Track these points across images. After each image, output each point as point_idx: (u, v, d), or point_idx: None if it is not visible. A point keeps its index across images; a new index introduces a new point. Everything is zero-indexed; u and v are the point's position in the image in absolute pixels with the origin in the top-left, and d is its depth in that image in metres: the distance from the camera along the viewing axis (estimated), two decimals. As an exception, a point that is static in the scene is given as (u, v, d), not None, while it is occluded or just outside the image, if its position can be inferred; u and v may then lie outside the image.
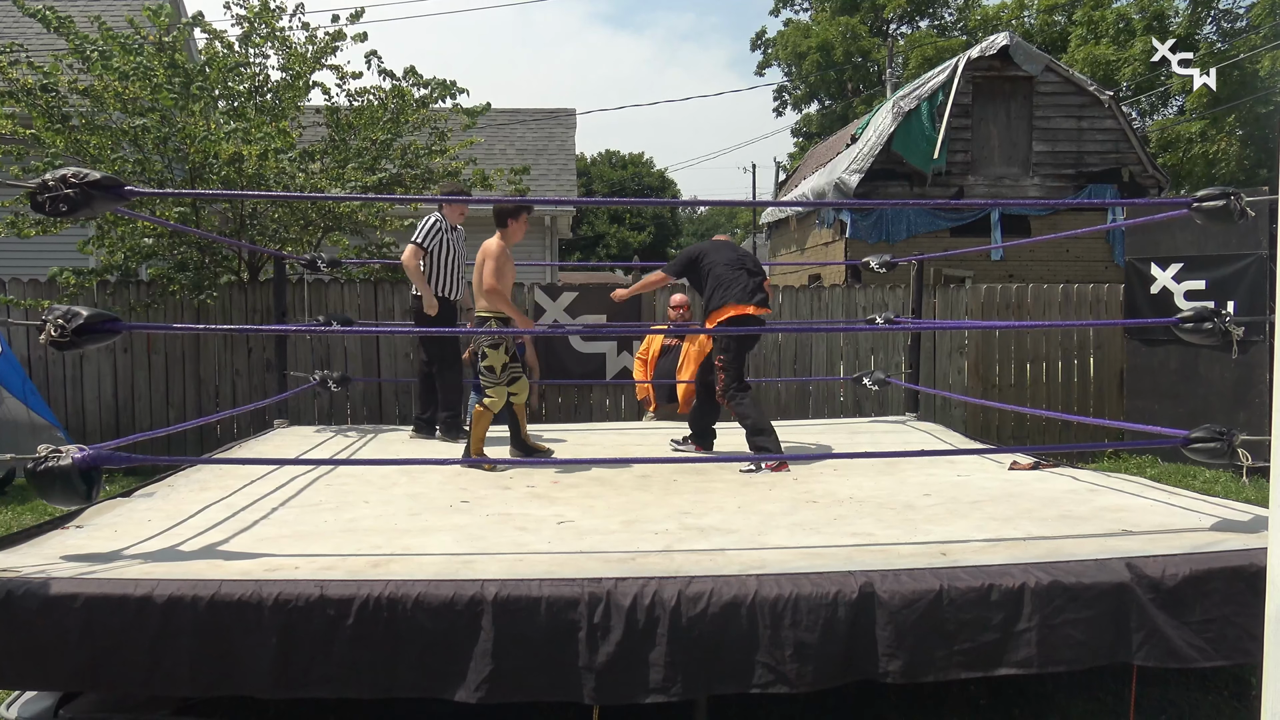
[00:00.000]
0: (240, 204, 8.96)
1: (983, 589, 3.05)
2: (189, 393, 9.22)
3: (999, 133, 16.14)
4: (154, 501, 4.45)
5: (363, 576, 3.09)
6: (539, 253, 14.76)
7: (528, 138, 17.74)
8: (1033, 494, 4.54)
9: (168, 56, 8.76)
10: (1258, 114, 23.98)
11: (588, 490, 4.79)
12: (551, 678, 2.96)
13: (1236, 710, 3.62)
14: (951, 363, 10.05)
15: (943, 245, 15.05)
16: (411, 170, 9.60)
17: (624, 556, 3.40)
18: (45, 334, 3.47)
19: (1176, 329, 4.48)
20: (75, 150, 8.38)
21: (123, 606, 2.92)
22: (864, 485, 4.81)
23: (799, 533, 3.79)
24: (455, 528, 3.91)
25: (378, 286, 9.51)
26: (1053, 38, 31.01)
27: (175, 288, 8.89)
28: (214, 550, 3.51)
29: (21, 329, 8.65)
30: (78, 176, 3.51)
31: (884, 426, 7.28)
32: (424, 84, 9.62)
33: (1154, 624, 3.10)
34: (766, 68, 44.47)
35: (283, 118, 9.09)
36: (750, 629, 2.98)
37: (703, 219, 65.90)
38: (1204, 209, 4.08)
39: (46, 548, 3.49)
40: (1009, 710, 3.64)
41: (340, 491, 4.75)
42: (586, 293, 9.70)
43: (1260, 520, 3.75)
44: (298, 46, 9.39)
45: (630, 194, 50.66)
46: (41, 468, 3.28)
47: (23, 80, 8.48)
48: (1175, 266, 8.80)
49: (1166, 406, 8.78)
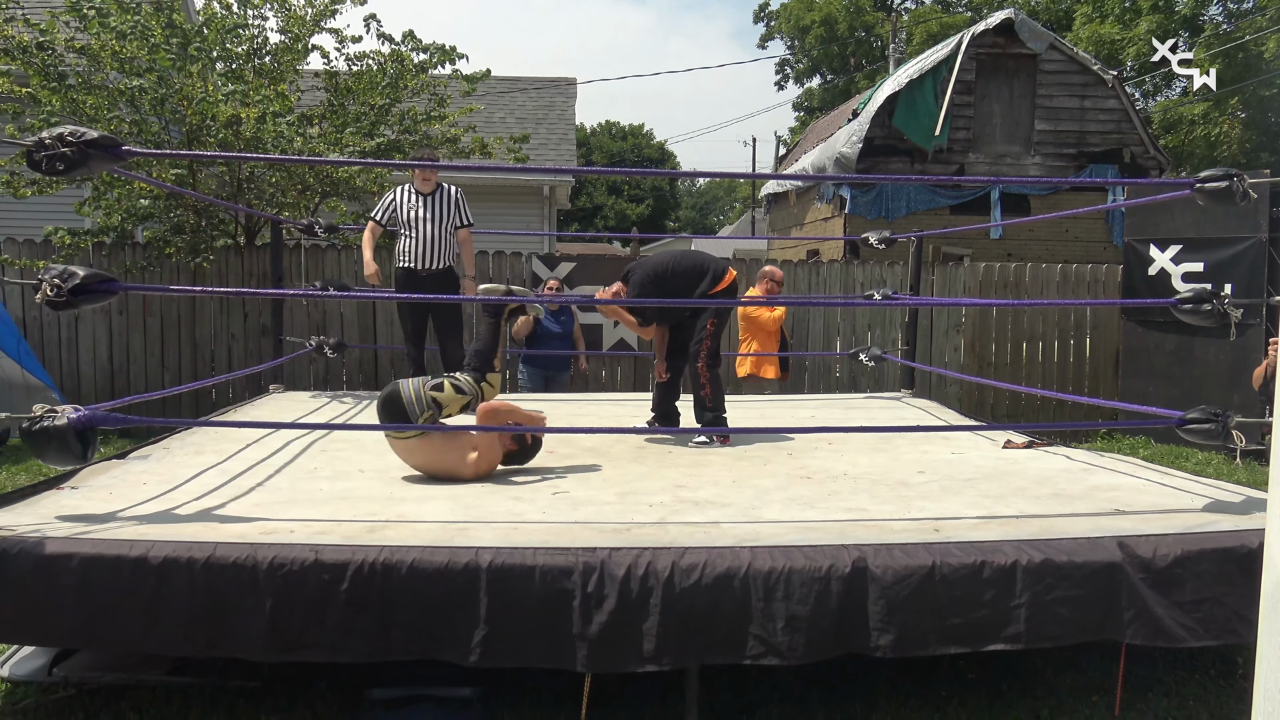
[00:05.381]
0: (238, 167, 8.90)
1: (975, 565, 3.06)
2: (184, 356, 9.21)
3: (1001, 110, 16.05)
4: (149, 464, 4.45)
5: (358, 542, 3.10)
6: (537, 223, 14.70)
7: (528, 106, 17.61)
8: (1026, 472, 4.56)
9: (165, 16, 8.67)
10: (1261, 96, 23.88)
11: (583, 462, 4.80)
12: (545, 645, 2.98)
13: (1223, 689, 3.65)
14: (948, 340, 10.06)
15: (942, 223, 15.02)
16: (410, 136, 9.53)
17: (618, 527, 3.41)
18: (41, 293, 3.45)
19: (1174, 310, 4.48)
20: (71, 110, 8.31)
21: (118, 567, 2.93)
22: (859, 461, 4.82)
23: (793, 507, 3.80)
24: (450, 496, 3.92)
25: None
26: (1058, 15, 30.80)
27: (171, 250, 8.85)
28: (209, 513, 3.51)
29: (17, 289, 8.62)
30: (75, 135, 3.48)
31: (879, 403, 7.29)
32: (423, 49, 9.54)
33: (1144, 603, 3.13)
34: (769, 40, 44.14)
35: (281, 81, 9.02)
36: (743, 601, 2.99)
37: (702, 191, 65.66)
38: (1207, 190, 4.07)
39: (41, 508, 3.50)
40: (998, 685, 3.67)
41: (335, 457, 4.75)
42: (585, 263, 9.70)
43: (1252, 502, 3.77)
44: (297, 9, 9.29)
45: (629, 165, 50.40)
46: (37, 427, 3.28)
47: (19, 38, 8.39)
48: (1174, 248, 8.80)
49: (1161, 388, 8.81)
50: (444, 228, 6.37)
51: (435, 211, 6.35)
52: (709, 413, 5.45)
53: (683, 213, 57.77)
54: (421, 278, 6.35)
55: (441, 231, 6.36)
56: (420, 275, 6.35)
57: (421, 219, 6.33)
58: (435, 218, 6.35)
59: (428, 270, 6.37)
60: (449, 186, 6.51)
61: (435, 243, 6.35)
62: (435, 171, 6.42)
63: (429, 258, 6.36)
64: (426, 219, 6.33)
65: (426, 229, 6.33)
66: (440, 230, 6.35)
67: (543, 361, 8.00)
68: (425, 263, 6.36)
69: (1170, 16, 25.06)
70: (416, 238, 6.33)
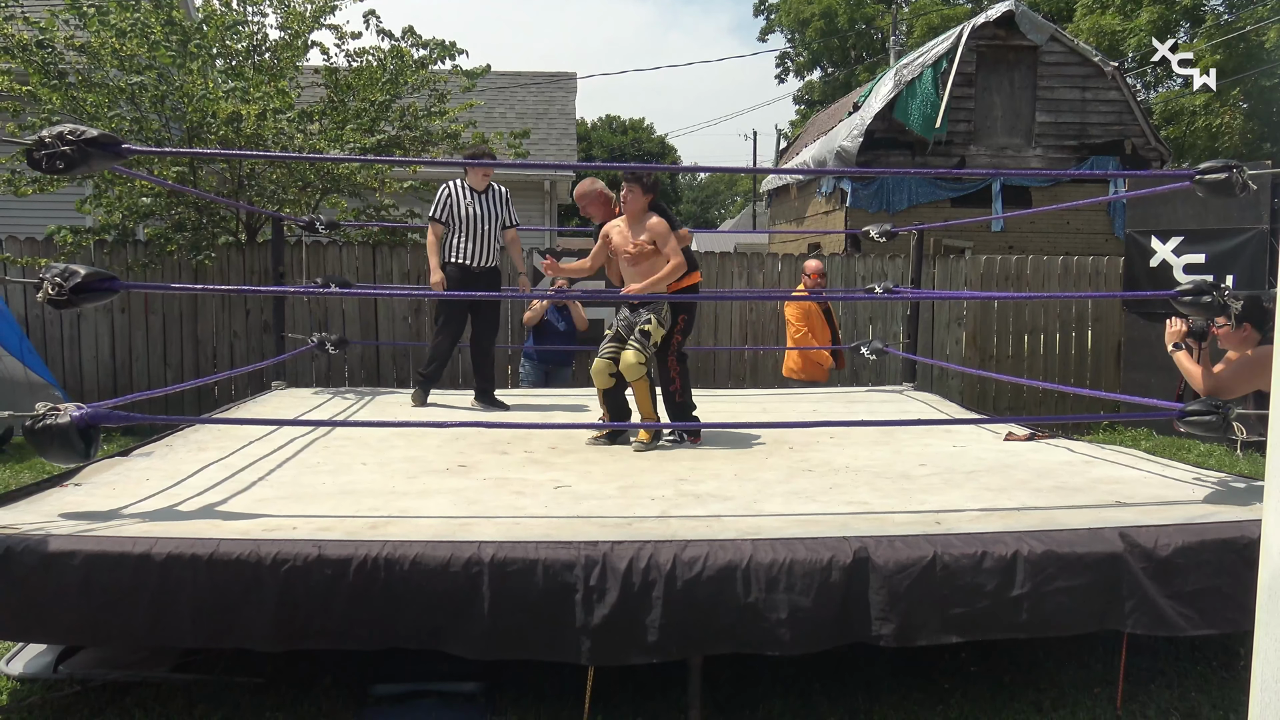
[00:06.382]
0: (238, 164, 8.91)
1: (976, 555, 3.07)
2: (186, 353, 9.22)
3: (1002, 102, 16.03)
4: (152, 461, 4.46)
5: (361, 537, 3.11)
6: (538, 218, 14.71)
7: (528, 101, 17.60)
8: (1028, 465, 4.56)
9: (165, 13, 8.68)
10: (1262, 87, 23.81)
11: (584, 456, 4.81)
12: (547, 639, 2.99)
13: (1225, 679, 3.66)
14: (949, 333, 10.06)
15: (943, 215, 15.00)
16: (410, 132, 9.54)
17: (620, 521, 3.42)
18: (43, 292, 3.46)
19: (1175, 302, 4.47)
20: (72, 108, 8.32)
21: (122, 564, 2.94)
22: (860, 455, 4.83)
23: (795, 500, 3.81)
24: (453, 491, 3.93)
25: (376, 249, 9.48)
26: (1058, 7, 30.70)
27: (173, 248, 8.85)
28: (212, 510, 3.52)
29: (19, 287, 8.62)
30: (75, 134, 3.48)
31: (881, 396, 7.29)
32: (423, 44, 9.54)
33: (1145, 593, 3.13)
34: (769, 34, 44.01)
35: (281, 77, 9.03)
36: (745, 592, 3.00)
37: (703, 185, 65.58)
38: (1207, 181, 4.07)
39: (45, 505, 3.51)
40: (1000, 676, 3.67)
41: (338, 454, 4.76)
42: (585, 257, 9.68)
43: (1253, 492, 3.78)
44: (296, 5, 9.30)
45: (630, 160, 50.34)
46: (40, 425, 3.28)
47: (18, 36, 8.40)
48: (1175, 240, 8.78)
49: (1163, 380, 8.79)
50: (495, 226, 6.35)
51: (488, 209, 6.32)
52: (680, 408, 5.37)
53: (684, 207, 57.74)
54: (476, 274, 6.30)
55: (493, 229, 6.34)
56: (475, 272, 6.30)
57: (477, 216, 6.27)
58: (488, 216, 6.32)
59: (481, 268, 6.32)
60: (499, 186, 6.45)
61: (489, 240, 6.32)
62: (491, 170, 6.39)
63: (483, 255, 6.31)
64: (480, 217, 6.29)
65: (481, 226, 6.28)
66: (492, 228, 6.33)
67: (544, 356, 8.01)
68: (479, 260, 6.31)
69: (1171, 7, 24.95)
70: (471, 235, 6.27)
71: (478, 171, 6.31)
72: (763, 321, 9.77)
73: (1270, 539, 1.74)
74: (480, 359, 6.48)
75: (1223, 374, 4.29)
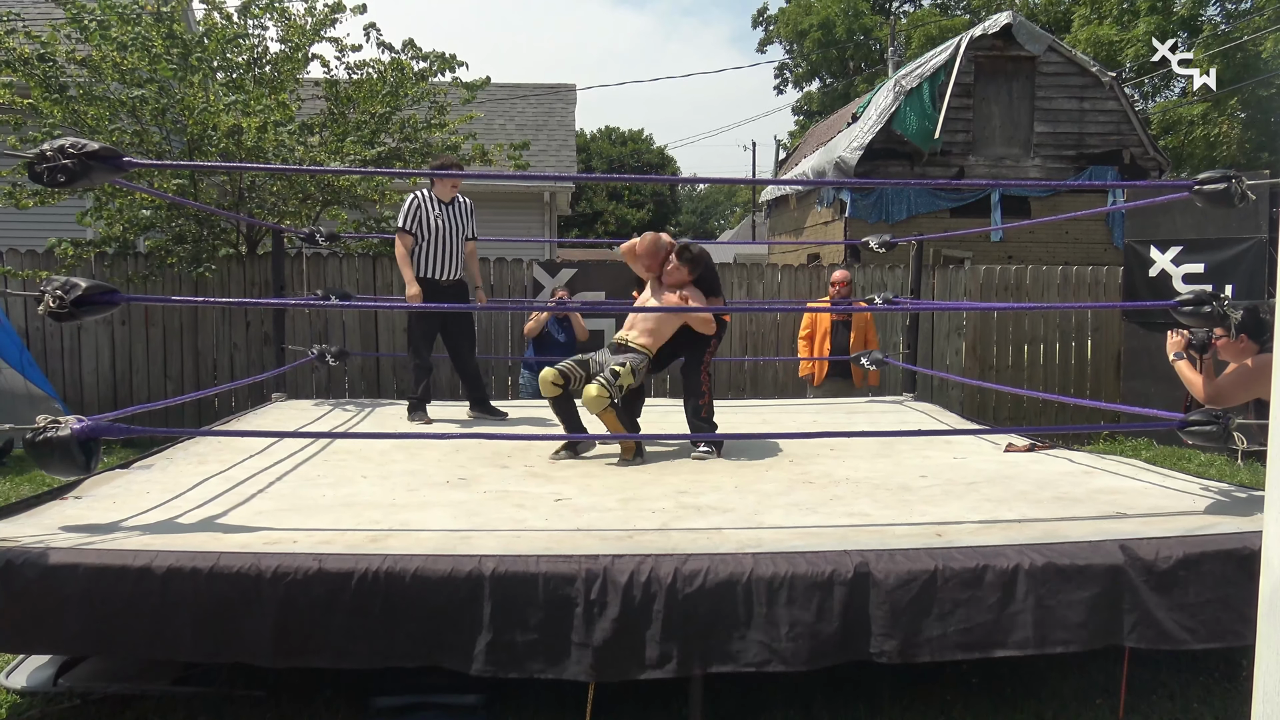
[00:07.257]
0: (239, 176, 8.93)
1: (977, 570, 3.07)
2: (187, 366, 9.22)
3: (1000, 113, 16.07)
4: (152, 474, 4.46)
5: (361, 551, 3.10)
6: (538, 229, 14.72)
7: (528, 113, 17.64)
8: (1028, 476, 4.56)
9: (166, 27, 8.71)
10: (1260, 97, 23.87)
11: (584, 469, 4.80)
12: (548, 654, 2.98)
13: (1227, 691, 3.65)
14: (949, 343, 10.07)
15: (942, 226, 15.03)
16: (410, 144, 9.57)
17: (621, 534, 3.41)
18: (44, 305, 3.46)
19: (1174, 312, 4.48)
20: (73, 121, 8.35)
21: (122, 577, 2.94)
22: (860, 466, 4.82)
23: (795, 512, 3.80)
24: (453, 504, 3.92)
25: (376, 261, 9.49)
26: (1056, 17, 30.82)
27: (173, 260, 8.87)
28: (212, 523, 3.52)
29: (19, 300, 8.63)
30: (76, 147, 3.49)
31: (881, 407, 7.29)
32: (423, 57, 9.57)
33: (1147, 606, 3.13)
34: (768, 45, 44.17)
35: (281, 90, 9.06)
36: (746, 607, 2.99)
37: (702, 196, 65.65)
38: (1205, 191, 4.08)
39: (45, 518, 3.51)
40: (1002, 690, 3.66)
41: (338, 466, 4.76)
42: (585, 269, 9.71)
43: (1254, 503, 3.77)
44: (296, 18, 9.33)
45: (630, 171, 50.40)
46: (40, 438, 3.28)
47: (20, 50, 8.42)
48: (1174, 249, 8.79)
49: (1163, 389, 8.79)
50: (460, 238, 6.24)
51: (455, 221, 6.21)
52: (705, 423, 5.39)
53: (683, 218, 57.73)
54: (443, 288, 6.20)
55: (459, 242, 6.23)
56: (442, 285, 6.19)
57: (445, 229, 6.15)
58: (455, 228, 6.21)
59: (449, 281, 6.22)
60: (464, 198, 6.33)
61: (455, 253, 6.21)
62: (460, 181, 6.27)
63: (450, 268, 6.21)
64: (448, 229, 6.18)
65: (448, 239, 6.17)
66: (458, 240, 6.22)
67: (544, 367, 7.99)
68: (447, 273, 6.20)
69: (1168, 17, 25.05)
70: (439, 248, 6.15)
71: (446, 183, 6.17)
72: (762, 332, 9.78)
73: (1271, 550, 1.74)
74: (465, 372, 6.42)
75: (1221, 383, 4.30)
